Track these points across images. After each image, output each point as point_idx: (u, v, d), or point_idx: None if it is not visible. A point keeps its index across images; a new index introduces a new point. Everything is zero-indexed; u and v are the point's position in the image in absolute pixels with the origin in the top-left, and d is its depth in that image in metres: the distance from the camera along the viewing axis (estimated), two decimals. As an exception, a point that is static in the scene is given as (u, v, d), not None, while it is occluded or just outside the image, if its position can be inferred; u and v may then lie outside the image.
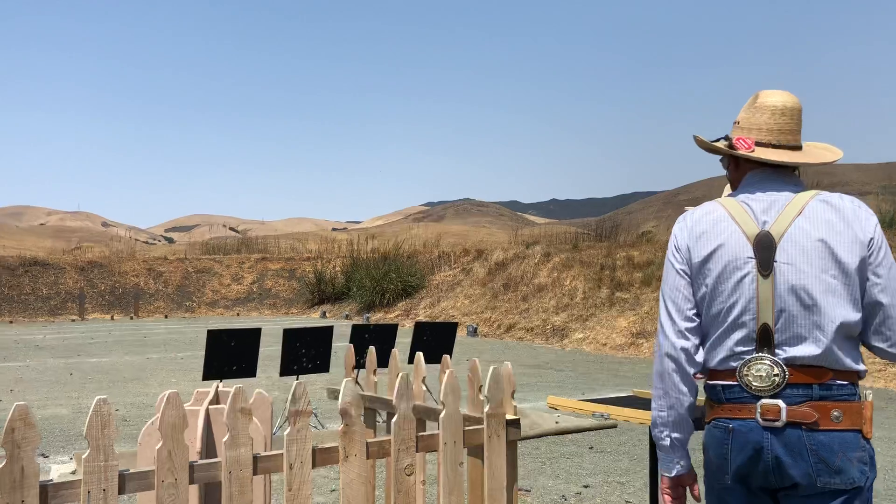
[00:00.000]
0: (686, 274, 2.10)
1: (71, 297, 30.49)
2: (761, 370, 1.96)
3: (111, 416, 2.21)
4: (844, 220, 1.99)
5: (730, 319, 2.00)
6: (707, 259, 2.05)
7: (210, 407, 3.17)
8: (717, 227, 2.06)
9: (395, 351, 3.86)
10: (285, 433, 2.49)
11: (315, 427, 7.27)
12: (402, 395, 2.73)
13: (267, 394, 3.48)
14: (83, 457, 2.18)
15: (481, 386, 3.24)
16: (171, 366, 13.64)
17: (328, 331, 6.77)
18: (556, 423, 6.48)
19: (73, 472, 3.72)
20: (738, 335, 2.00)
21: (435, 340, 7.43)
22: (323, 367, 6.86)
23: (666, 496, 2.16)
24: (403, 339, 16.65)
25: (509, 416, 3.02)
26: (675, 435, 2.10)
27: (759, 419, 1.94)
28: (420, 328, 7.43)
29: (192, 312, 31.51)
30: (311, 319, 27.87)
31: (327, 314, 29.11)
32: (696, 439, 6.44)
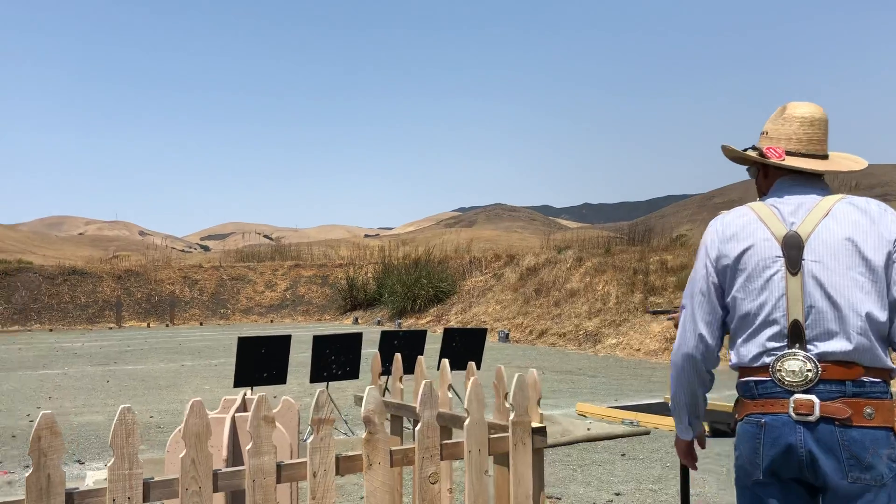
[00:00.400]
0: (714, 278, 2.19)
1: (108, 305, 31.00)
2: (794, 365, 2.02)
3: (135, 425, 2.23)
4: (871, 220, 2.07)
5: (761, 317, 2.08)
6: (737, 260, 2.14)
7: (236, 415, 3.18)
8: (746, 229, 2.15)
9: (420, 358, 3.84)
10: (308, 441, 2.49)
11: (345, 434, 7.28)
12: (425, 402, 2.71)
13: (294, 401, 3.49)
14: (108, 465, 2.20)
15: (507, 393, 3.21)
16: (205, 373, 13.78)
17: (357, 337, 6.78)
18: (588, 429, 6.43)
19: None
20: (769, 332, 2.07)
21: (464, 346, 7.41)
22: (353, 373, 6.87)
23: (682, 453, 2.46)
24: (433, 346, 16.63)
25: (535, 424, 2.99)
26: (691, 412, 2.32)
27: (792, 413, 1.99)
28: (449, 334, 7.41)
29: (226, 319, 31.84)
30: (344, 326, 28.00)
31: (359, 320, 29.24)
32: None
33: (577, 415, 4.21)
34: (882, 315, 2.01)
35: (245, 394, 3.57)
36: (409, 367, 6.26)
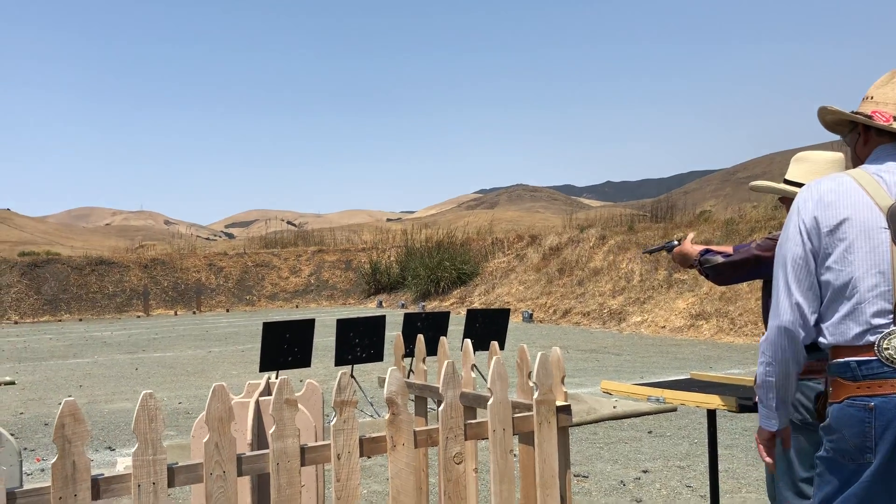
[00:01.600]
0: (810, 245, 2.06)
1: (136, 294, 31.37)
2: None
3: (158, 410, 2.23)
4: None
5: (862, 291, 1.97)
6: (835, 229, 2.01)
7: (260, 399, 3.18)
8: (847, 197, 2.02)
9: (443, 339, 3.82)
10: (332, 423, 2.48)
11: (372, 416, 7.31)
12: (448, 382, 2.69)
13: (318, 384, 3.49)
14: (132, 451, 2.21)
15: (531, 372, 3.19)
16: (232, 359, 13.91)
17: (381, 320, 6.78)
18: (614, 407, 6.39)
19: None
20: (873, 308, 1.96)
21: (487, 327, 7.39)
22: (377, 356, 6.88)
23: (762, 446, 2.24)
24: (456, 327, 16.64)
25: (559, 403, 2.96)
26: (780, 395, 2.15)
27: None
28: (472, 315, 7.39)
29: (252, 306, 32.11)
30: (368, 309, 28.11)
31: (384, 304, 29.33)
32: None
33: (602, 392, 4.17)
34: None
35: (269, 378, 3.58)
36: (432, 350, 6.25)
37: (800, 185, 2.97)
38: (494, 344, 3.35)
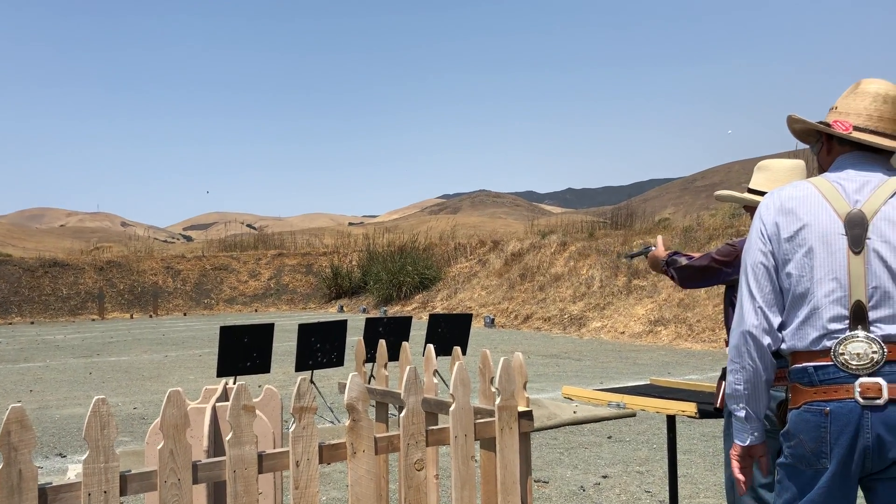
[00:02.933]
0: (770, 251, 2.08)
1: (90, 296, 30.73)
2: (858, 348, 1.93)
3: (111, 416, 2.16)
4: None
5: (819, 297, 1.98)
6: (795, 235, 2.03)
7: (217, 404, 3.12)
8: (806, 204, 2.05)
9: (405, 344, 3.79)
10: (291, 430, 2.43)
11: (332, 422, 7.23)
12: (410, 388, 2.66)
13: (276, 390, 3.43)
14: (82, 459, 2.14)
15: (493, 377, 3.17)
16: (189, 363, 13.68)
17: (342, 325, 6.72)
18: (574, 412, 6.40)
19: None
20: (829, 313, 1.97)
21: (450, 332, 7.36)
22: (338, 361, 6.81)
23: (735, 462, 2.18)
24: (418, 332, 16.60)
25: (521, 408, 2.95)
26: (750, 407, 2.12)
27: (859, 398, 1.90)
28: (435, 320, 7.36)
29: (210, 310, 31.66)
30: (329, 314, 27.92)
31: (345, 308, 29.15)
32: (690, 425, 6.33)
33: (563, 398, 4.17)
34: None
35: (226, 383, 3.51)
36: (394, 355, 6.21)
37: (762, 193, 3.01)
38: (457, 349, 3.32)
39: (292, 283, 33.71)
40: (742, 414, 2.14)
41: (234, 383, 6.82)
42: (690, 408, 3.38)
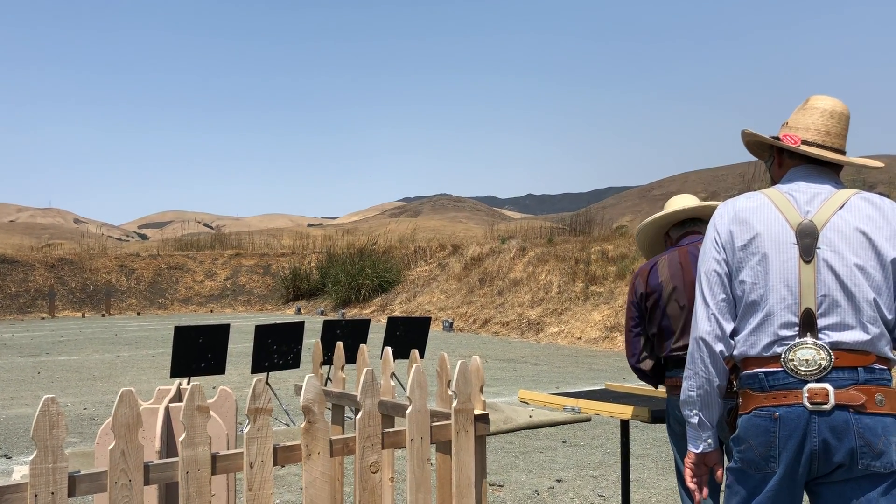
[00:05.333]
0: (724, 259, 2.13)
1: (41, 294, 30.02)
2: (807, 354, 1.98)
3: (60, 416, 2.12)
4: (884, 217, 2.06)
5: (771, 304, 2.03)
6: (748, 244, 2.09)
7: (170, 405, 3.08)
8: (759, 213, 2.11)
9: (363, 346, 3.78)
10: (245, 431, 2.41)
11: (287, 424, 7.17)
12: (367, 390, 2.66)
13: (231, 391, 3.39)
14: (29, 460, 2.09)
15: (450, 381, 3.18)
16: (142, 363, 13.44)
17: (299, 327, 6.67)
18: (530, 416, 6.45)
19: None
20: (780, 320, 2.02)
21: (408, 335, 7.36)
22: (294, 363, 6.76)
23: (688, 470, 2.21)
24: (377, 335, 16.54)
25: (478, 411, 2.96)
26: (703, 413, 2.16)
27: (807, 403, 1.95)
28: (393, 323, 7.35)
29: (164, 309, 31.15)
30: (286, 316, 27.67)
31: (302, 310, 28.93)
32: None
33: (520, 402, 4.20)
34: (889, 309, 2.03)
35: (180, 384, 3.46)
36: (352, 357, 6.18)
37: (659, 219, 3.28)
38: (415, 352, 3.33)
39: (249, 284, 33.35)
40: (695, 420, 2.18)
41: (189, 384, 6.73)
42: (643, 413, 3.43)
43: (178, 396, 3.36)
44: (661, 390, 4.21)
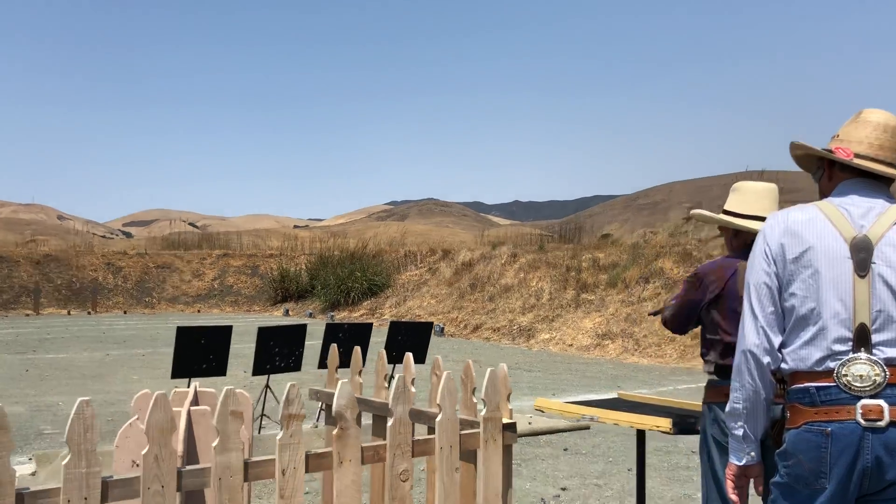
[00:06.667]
0: (774, 271, 2.11)
1: (25, 291, 29.69)
2: (861, 370, 1.95)
3: (94, 419, 2.07)
4: None
5: (824, 319, 2.01)
6: (800, 257, 2.06)
7: (191, 408, 3.02)
8: (812, 226, 2.08)
9: (357, 348, 3.77)
10: (277, 437, 2.37)
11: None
12: (398, 397, 2.62)
13: (248, 394, 3.34)
14: (63, 463, 2.04)
15: (475, 388, 3.15)
16: (132, 363, 13.31)
17: (302, 329, 6.61)
18: (529, 423, 6.41)
19: (33, 474, 3.54)
20: (834, 335, 2.00)
21: (409, 340, 7.31)
22: (296, 366, 6.70)
23: (729, 482, 2.20)
24: (377, 339, 16.47)
25: (506, 420, 2.93)
26: (748, 426, 2.14)
27: (861, 420, 1.93)
28: (395, 328, 7.31)
29: (151, 308, 30.90)
30: (274, 317, 27.52)
31: (290, 312, 28.78)
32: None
33: (535, 410, 4.17)
34: None
35: (196, 386, 3.41)
36: (347, 362, 6.12)
37: (735, 214, 3.07)
38: (438, 359, 3.30)
39: (237, 285, 33.15)
40: (740, 433, 2.16)
41: (189, 385, 6.65)
42: (665, 423, 3.40)
43: (195, 400, 3.30)
44: (678, 400, 4.19)
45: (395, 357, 7.27)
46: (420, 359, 7.31)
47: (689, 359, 14.06)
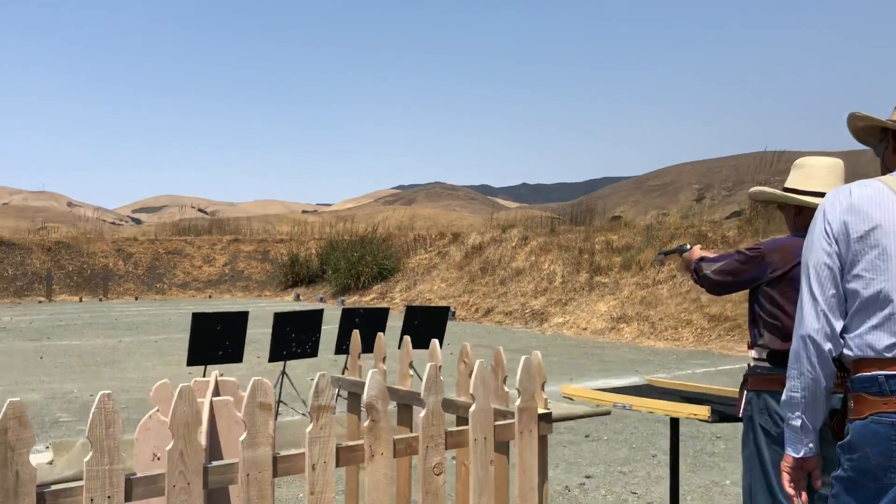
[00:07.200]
0: (836, 251, 1.97)
1: (38, 277, 29.76)
2: None
3: (116, 414, 1.96)
4: None
5: (895, 302, 1.87)
6: (866, 236, 1.92)
7: (213, 399, 2.91)
8: (878, 202, 1.94)
9: (380, 334, 3.66)
10: (307, 430, 2.25)
11: (304, 414, 7.02)
12: (431, 387, 2.50)
13: (269, 382, 3.23)
14: (85, 460, 1.93)
15: (506, 377, 3.03)
16: (145, 349, 13.26)
17: (318, 315, 6.51)
18: (547, 409, 6.29)
19: (51, 463, 3.44)
20: None
21: (426, 325, 7.20)
22: (312, 352, 6.60)
23: (785, 474, 2.07)
24: (392, 324, 16.38)
25: (541, 410, 2.81)
26: (807, 416, 2.02)
27: None
28: (411, 312, 7.19)
29: (162, 294, 30.93)
30: (285, 302, 27.50)
31: (301, 297, 28.75)
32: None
33: (563, 397, 4.05)
34: None
35: (217, 375, 3.30)
36: (369, 346, 6.02)
37: (798, 191, 2.91)
38: (434, 342, 3.19)
39: (248, 270, 33.14)
40: (798, 423, 2.03)
41: (205, 373, 6.55)
42: (703, 411, 3.28)
43: (216, 390, 3.19)
44: (706, 385, 4.06)
45: (413, 342, 7.17)
46: (439, 343, 7.20)
47: (706, 342, 13.92)
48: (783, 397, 2.07)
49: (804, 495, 2.10)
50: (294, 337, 6.33)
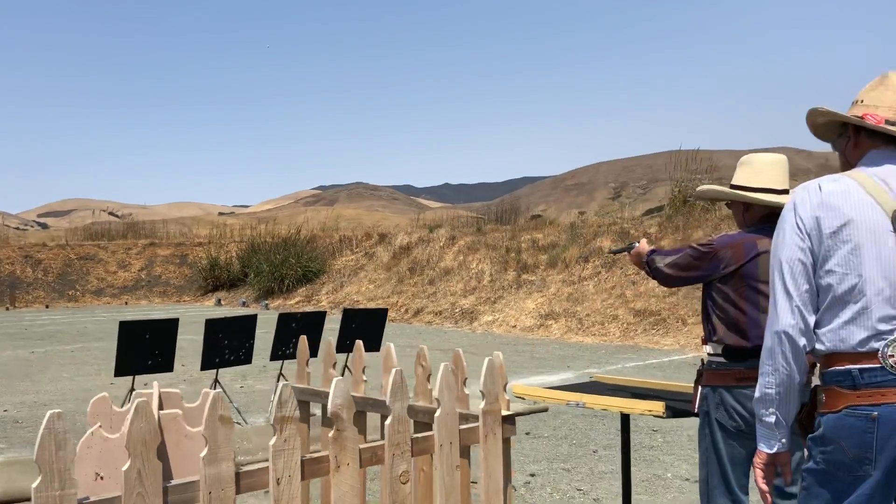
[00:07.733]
0: (809, 246, 1.97)
1: (-63, 287, 28.09)
2: None
3: (67, 434, 1.81)
4: None
5: (869, 295, 1.88)
6: (839, 231, 1.92)
7: (160, 412, 2.75)
8: (848, 198, 1.94)
9: (329, 340, 3.58)
10: (270, 443, 2.14)
11: (238, 423, 6.80)
12: (396, 393, 2.42)
13: (223, 394, 3.08)
14: (33, 486, 1.77)
15: (466, 379, 2.98)
16: (61, 360, 12.65)
17: (252, 320, 6.31)
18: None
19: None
20: (879, 313, 1.88)
21: (364, 327, 7.08)
22: (246, 359, 6.40)
23: (758, 470, 2.07)
24: (330, 326, 16.11)
25: (504, 412, 2.76)
26: (780, 412, 2.02)
27: None
28: (349, 315, 7.06)
29: (75, 301, 29.66)
30: (206, 307, 26.77)
31: (222, 301, 28.03)
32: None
33: (515, 396, 4.02)
34: None
35: (158, 387, 3.13)
36: (313, 351, 5.87)
37: (746, 188, 2.95)
38: (424, 347, 3.11)
39: (165, 275, 32.11)
40: (772, 420, 2.04)
41: (133, 384, 6.26)
42: (658, 407, 3.29)
43: (160, 403, 3.02)
44: (654, 381, 4.11)
45: (348, 346, 7.04)
46: (374, 346, 7.10)
47: (632, 336, 14.21)
48: (756, 394, 2.06)
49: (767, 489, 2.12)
50: (227, 343, 6.12)
